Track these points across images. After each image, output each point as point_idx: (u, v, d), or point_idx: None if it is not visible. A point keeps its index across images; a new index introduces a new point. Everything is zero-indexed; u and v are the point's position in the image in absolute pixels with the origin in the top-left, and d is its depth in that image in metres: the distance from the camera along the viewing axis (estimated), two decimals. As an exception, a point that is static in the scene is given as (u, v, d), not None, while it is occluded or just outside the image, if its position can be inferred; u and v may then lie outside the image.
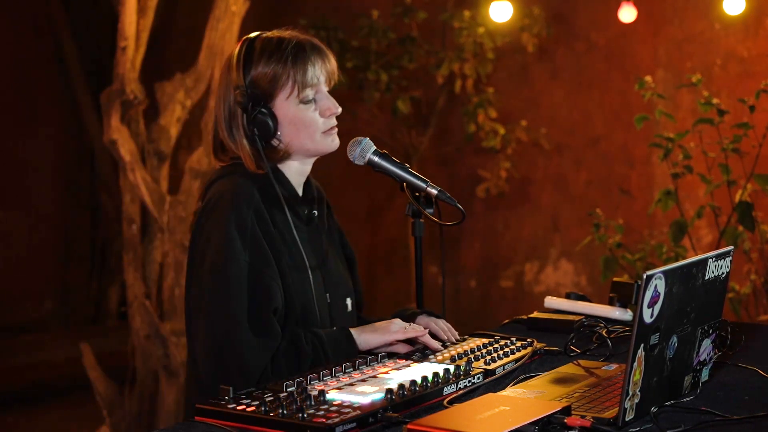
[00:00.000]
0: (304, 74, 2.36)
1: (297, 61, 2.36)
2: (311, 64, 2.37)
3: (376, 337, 2.33)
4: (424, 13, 6.27)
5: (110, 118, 4.96)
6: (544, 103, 6.51)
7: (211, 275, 2.27)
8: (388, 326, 2.35)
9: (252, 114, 2.36)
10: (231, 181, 2.35)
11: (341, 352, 2.28)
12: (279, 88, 2.37)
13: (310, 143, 2.40)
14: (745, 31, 5.72)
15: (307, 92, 2.38)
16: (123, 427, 5.12)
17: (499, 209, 6.72)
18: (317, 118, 2.40)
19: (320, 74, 2.39)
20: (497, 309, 6.72)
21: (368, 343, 2.33)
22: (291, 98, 2.37)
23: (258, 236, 2.28)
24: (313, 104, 2.40)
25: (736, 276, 4.81)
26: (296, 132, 2.39)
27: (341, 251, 2.61)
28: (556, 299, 2.88)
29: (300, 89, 2.36)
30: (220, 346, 2.23)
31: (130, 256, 5.15)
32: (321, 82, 2.40)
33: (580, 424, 1.77)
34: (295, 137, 2.39)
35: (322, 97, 2.41)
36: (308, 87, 2.38)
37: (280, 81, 2.36)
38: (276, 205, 2.37)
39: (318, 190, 2.55)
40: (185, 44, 6.43)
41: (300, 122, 2.38)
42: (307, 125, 2.39)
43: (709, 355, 2.11)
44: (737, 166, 4.41)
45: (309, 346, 2.26)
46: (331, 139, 2.43)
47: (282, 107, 2.38)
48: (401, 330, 2.34)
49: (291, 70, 2.36)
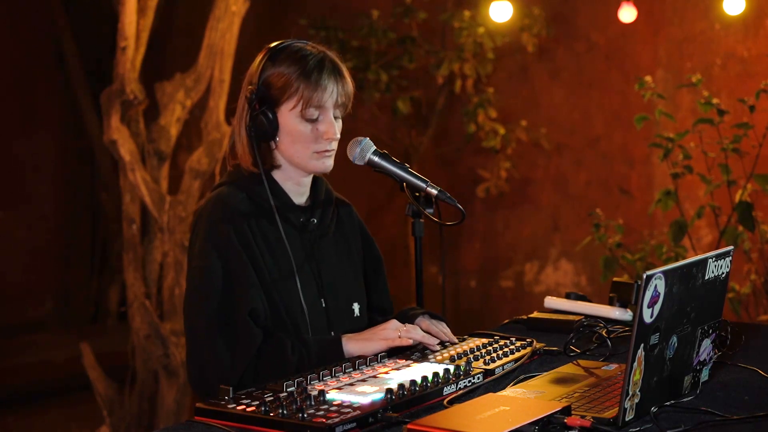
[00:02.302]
0: (312, 93, 2.38)
1: (311, 78, 2.38)
2: (323, 86, 2.39)
3: (368, 344, 2.33)
4: (424, 13, 6.27)
5: (110, 118, 4.96)
6: (544, 103, 6.51)
7: (188, 285, 2.37)
8: (382, 332, 2.35)
9: (255, 112, 2.39)
10: (217, 193, 2.43)
11: (328, 361, 2.28)
12: (287, 97, 2.39)
13: (301, 160, 2.43)
14: (745, 31, 5.72)
15: (311, 111, 2.40)
16: (123, 427, 5.12)
17: (499, 209, 6.72)
18: (314, 137, 2.40)
19: (329, 98, 2.40)
20: (497, 309, 6.72)
21: (360, 351, 2.33)
22: (294, 111, 2.39)
23: (234, 247, 2.33)
24: (315, 123, 2.41)
25: (736, 276, 4.81)
26: (291, 144, 2.41)
27: (356, 256, 2.60)
28: (556, 299, 2.88)
29: (304, 106, 2.38)
30: (197, 354, 2.33)
31: (130, 256, 5.15)
32: (328, 105, 2.41)
33: (580, 424, 1.77)
34: (288, 148, 2.42)
35: (326, 119, 2.41)
36: (313, 107, 2.39)
37: (288, 91, 2.39)
38: (267, 212, 2.41)
39: (328, 195, 2.56)
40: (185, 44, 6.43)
41: (296, 136, 2.40)
42: (302, 141, 2.40)
43: (709, 355, 2.11)
44: (737, 166, 4.41)
45: (295, 355, 2.28)
46: (321, 162, 2.43)
47: (285, 116, 2.40)
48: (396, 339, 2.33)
49: (302, 84, 2.38)
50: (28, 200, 7.64)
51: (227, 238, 2.33)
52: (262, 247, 2.37)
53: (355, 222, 2.64)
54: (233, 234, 2.34)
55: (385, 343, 2.33)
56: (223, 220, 2.35)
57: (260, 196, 2.41)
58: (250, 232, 2.37)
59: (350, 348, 2.33)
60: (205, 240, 2.35)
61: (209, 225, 2.36)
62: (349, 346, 2.33)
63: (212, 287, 2.31)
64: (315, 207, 2.51)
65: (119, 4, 5.00)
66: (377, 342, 2.33)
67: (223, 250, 2.33)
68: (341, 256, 2.56)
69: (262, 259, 2.36)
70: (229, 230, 2.34)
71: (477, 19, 6.08)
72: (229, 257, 2.32)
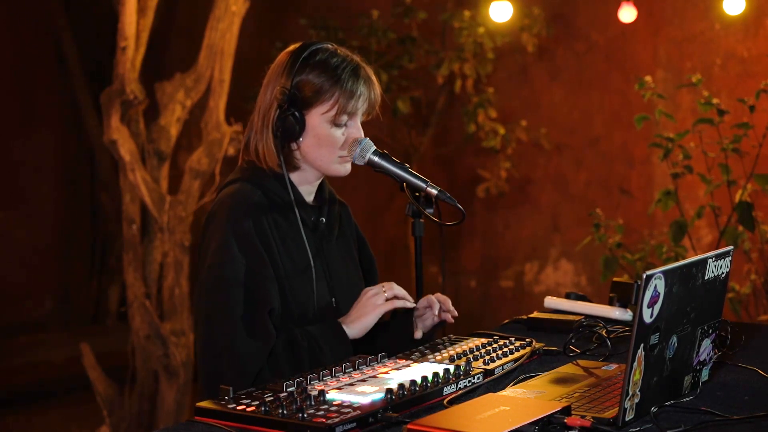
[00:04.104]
0: (348, 100, 2.41)
1: (347, 86, 2.41)
2: (358, 94, 2.43)
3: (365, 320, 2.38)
4: (424, 13, 6.27)
5: (110, 118, 4.96)
6: (544, 103, 6.51)
7: (208, 278, 2.35)
8: (369, 303, 2.39)
9: (284, 113, 2.40)
10: (235, 189, 2.42)
11: (334, 343, 2.33)
12: (320, 102, 2.41)
13: (323, 162, 2.45)
14: (745, 31, 5.72)
15: (344, 117, 2.43)
16: (123, 427, 5.12)
17: (499, 209, 6.72)
18: (340, 143, 2.44)
19: (362, 105, 2.45)
20: (497, 309, 6.72)
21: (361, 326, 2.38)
22: (326, 116, 2.42)
23: (254, 242, 2.34)
24: (343, 128, 2.44)
25: (736, 276, 4.81)
26: (317, 147, 2.43)
27: (355, 255, 2.63)
28: (555, 299, 2.88)
29: (339, 112, 2.42)
30: (215, 348, 2.30)
31: (130, 256, 5.15)
32: (359, 112, 2.45)
33: (580, 424, 1.77)
34: (312, 151, 2.44)
35: (354, 125, 2.46)
36: (346, 113, 2.42)
37: (323, 96, 2.41)
38: (282, 209, 2.42)
39: (331, 195, 2.58)
40: (185, 44, 6.43)
41: (324, 140, 2.43)
42: (329, 146, 2.43)
43: (709, 355, 2.11)
44: (737, 166, 4.41)
45: (305, 341, 2.31)
46: (343, 166, 2.47)
47: (314, 119, 2.42)
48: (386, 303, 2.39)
49: (338, 91, 2.41)
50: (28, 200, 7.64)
51: (248, 233, 2.34)
52: (278, 244, 2.39)
53: (352, 222, 2.68)
54: (253, 229, 2.35)
55: (380, 310, 2.38)
56: (245, 215, 2.36)
57: (275, 192, 2.43)
58: (268, 227, 2.38)
59: (353, 329, 2.38)
60: (225, 234, 2.34)
61: (229, 219, 2.36)
62: (351, 328, 2.37)
63: (235, 281, 2.31)
64: (322, 206, 2.53)
65: (119, 4, 5.00)
66: (372, 314, 2.38)
67: (243, 244, 2.33)
68: (345, 255, 2.59)
69: (279, 256, 2.38)
70: (249, 225, 2.35)
71: (477, 19, 6.08)
72: (250, 252, 2.33)
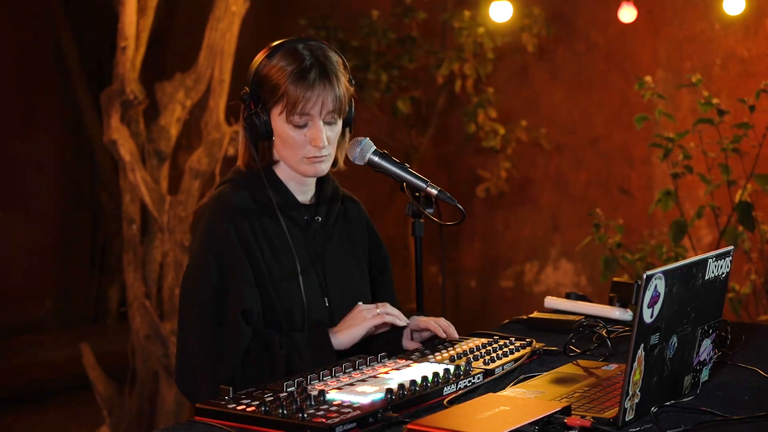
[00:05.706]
0: (296, 101, 2.32)
1: (296, 85, 2.32)
2: (307, 96, 2.32)
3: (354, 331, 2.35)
4: (424, 13, 6.27)
5: (110, 118, 4.96)
6: (544, 103, 6.51)
7: (184, 282, 2.38)
8: (360, 316, 2.36)
9: (249, 112, 2.38)
10: (218, 192, 2.42)
11: (318, 351, 2.30)
12: (274, 101, 2.36)
13: (292, 163, 2.40)
14: (745, 31, 5.72)
15: (296, 118, 2.35)
16: (123, 427, 5.12)
17: (499, 209, 6.71)
18: (303, 143, 2.36)
19: (314, 106, 2.33)
20: (497, 309, 6.72)
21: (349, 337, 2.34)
22: (282, 116, 2.36)
23: (231, 244, 2.31)
24: (303, 129, 2.36)
25: (736, 276, 4.81)
26: (282, 147, 2.39)
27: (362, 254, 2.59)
28: (556, 299, 2.88)
29: (289, 113, 2.34)
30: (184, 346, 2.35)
31: (130, 256, 5.15)
32: (314, 113, 2.34)
33: (580, 424, 1.77)
34: (280, 150, 2.41)
35: (314, 126, 2.35)
36: (297, 114, 2.34)
37: (276, 94, 2.35)
38: (271, 210, 2.39)
39: (335, 193, 2.54)
40: (185, 44, 6.43)
41: (286, 141, 2.37)
42: (291, 146, 2.37)
43: (709, 355, 2.11)
44: (737, 166, 4.41)
45: (284, 349, 2.28)
46: (312, 167, 2.39)
47: (275, 119, 2.37)
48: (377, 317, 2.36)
49: (288, 91, 2.33)
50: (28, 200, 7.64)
51: (225, 237, 2.32)
52: (263, 246, 2.36)
53: (363, 220, 2.63)
54: (233, 232, 2.32)
55: (369, 323, 2.34)
56: (222, 219, 2.34)
57: (263, 194, 2.40)
58: (251, 230, 2.35)
59: (340, 339, 2.33)
60: (202, 239, 2.35)
61: (207, 224, 2.36)
62: (338, 338, 2.33)
63: (205, 287, 2.30)
64: (320, 205, 2.50)
65: (119, 4, 5.00)
66: (361, 326, 2.34)
67: (219, 249, 2.31)
68: (346, 254, 2.55)
69: (263, 258, 2.35)
70: (227, 229, 2.32)
71: (477, 19, 6.08)
72: (226, 256, 2.31)
